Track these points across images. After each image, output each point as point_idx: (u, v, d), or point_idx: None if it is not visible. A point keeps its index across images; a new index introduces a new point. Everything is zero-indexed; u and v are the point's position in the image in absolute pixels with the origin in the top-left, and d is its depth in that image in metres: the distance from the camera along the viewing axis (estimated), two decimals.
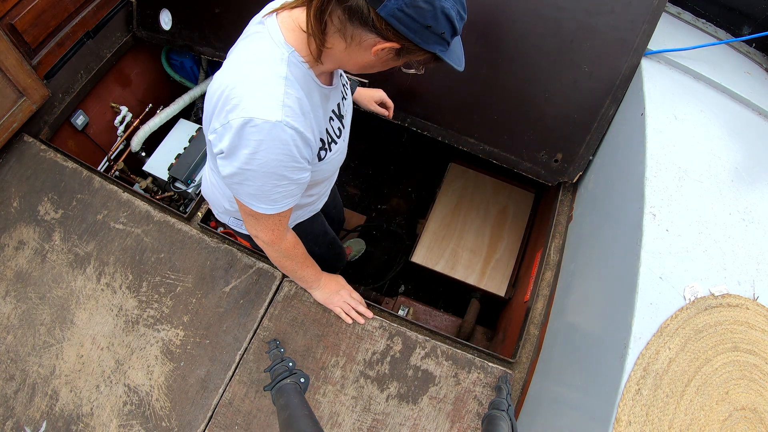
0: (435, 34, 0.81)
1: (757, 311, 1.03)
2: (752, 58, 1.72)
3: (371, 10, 0.77)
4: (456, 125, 1.77)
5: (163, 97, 2.47)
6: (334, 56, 0.90)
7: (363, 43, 0.84)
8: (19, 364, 1.50)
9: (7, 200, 1.71)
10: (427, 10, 0.77)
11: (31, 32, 1.74)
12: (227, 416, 1.39)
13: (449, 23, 0.80)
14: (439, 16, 0.78)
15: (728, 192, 1.20)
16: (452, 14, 0.79)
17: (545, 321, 1.52)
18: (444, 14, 0.78)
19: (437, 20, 0.79)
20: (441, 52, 0.85)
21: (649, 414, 0.92)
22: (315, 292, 1.44)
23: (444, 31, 0.81)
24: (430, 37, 0.82)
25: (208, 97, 0.95)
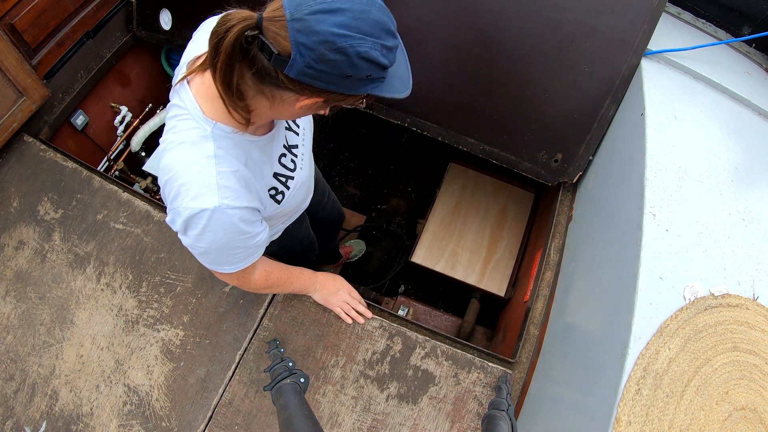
0: (359, 80, 0.75)
1: (757, 311, 1.03)
2: (752, 58, 1.72)
3: (279, 72, 0.73)
4: (456, 125, 1.77)
5: (163, 97, 2.47)
6: (262, 114, 0.85)
7: (285, 100, 0.80)
8: (19, 364, 1.50)
9: (6, 200, 1.71)
10: (340, 61, 0.70)
11: (30, 32, 1.74)
12: (227, 416, 1.39)
13: (372, 64, 0.73)
14: (357, 62, 0.71)
15: (728, 192, 1.20)
16: (373, 54, 0.71)
17: (545, 321, 1.52)
18: (363, 59, 0.71)
19: (356, 68, 0.72)
20: (374, 90, 0.79)
21: (649, 414, 0.92)
22: (315, 295, 1.44)
23: (369, 73, 0.74)
24: (354, 84, 0.75)
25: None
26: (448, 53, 1.68)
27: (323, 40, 0.68)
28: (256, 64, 0.73)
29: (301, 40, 0.68)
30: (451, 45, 1.66)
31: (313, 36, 0.68)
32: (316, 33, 0.68)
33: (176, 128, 0.88)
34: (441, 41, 1.67)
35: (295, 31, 0.68)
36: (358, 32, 0.69)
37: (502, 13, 1.59)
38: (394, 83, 0.80)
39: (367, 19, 0.69)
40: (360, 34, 0.69)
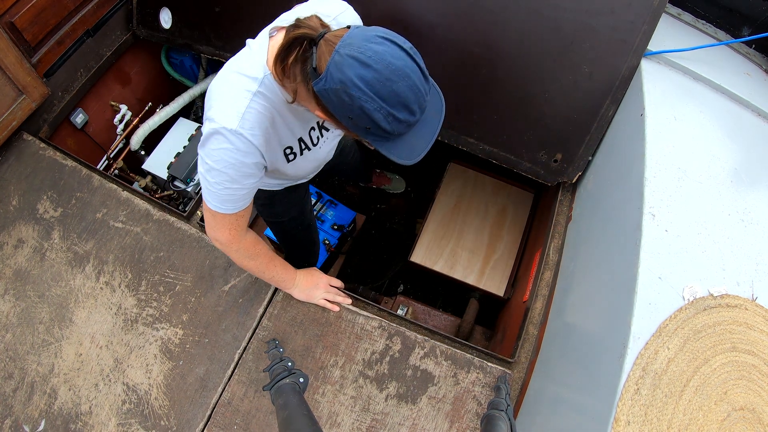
0: (359, 126, 0.86)
1: (756, 312, 1.03)
2: (752, 59, 1.72)
3: (309, 81, 0.87)
4: (456, 125, 1.77)
5: (162, 96, 2.47)
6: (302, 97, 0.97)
7: (310, 101, 0.93)
8: (18, 362, 1.50)
9: (6, 198, 1.71)
10: (347, 104, 0.82)
11: (30, 30, 1.74)
12: (226, 416, 1.39)
13: (372, 123, 0.83)
14: (358, 113, 0.82)
15: (727, 193, 1.20)
16: (375, 116, 0.82)
17: (544, 321, 1.53)
18: (365, 114, 0.82)
19: (357, 117, 0.83)
20: (375, 142, 0.89)
21: (647, 414, 0.92)
22: (294, 291, 1.46)
23: (368, 127, 0.85)
24: (354, 127, 0.87)
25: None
26: (449, 53, 1.68)
27: (343, 80, 0.80)
28: (307, 64, 0.87)
29: (332, 70, 0.81)
30: (451, 45, 1.66)
31: (339, 74, 0.80)
32: (342, 72, 0.80)
33: (242, 58, 1.01)
34: (441, 41, 1.67)
35: (333, 61, 0.81)
36: (372, 92, 0.80)
37: (503, 13, 1.59)
38: (400, 147, 0.90)
39: (388, 87, 0.80)
40: (374, 94, 0.80)
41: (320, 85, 0.83)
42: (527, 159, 1.74)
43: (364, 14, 1.70)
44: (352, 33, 0.83)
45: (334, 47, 0.82)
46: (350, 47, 0.80)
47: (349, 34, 0.83)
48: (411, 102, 0.83)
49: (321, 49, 0.84)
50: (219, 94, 0.99)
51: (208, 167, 1.01)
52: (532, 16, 1.56)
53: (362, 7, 1.71)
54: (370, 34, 0.82)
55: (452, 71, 1.70)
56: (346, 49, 0.80)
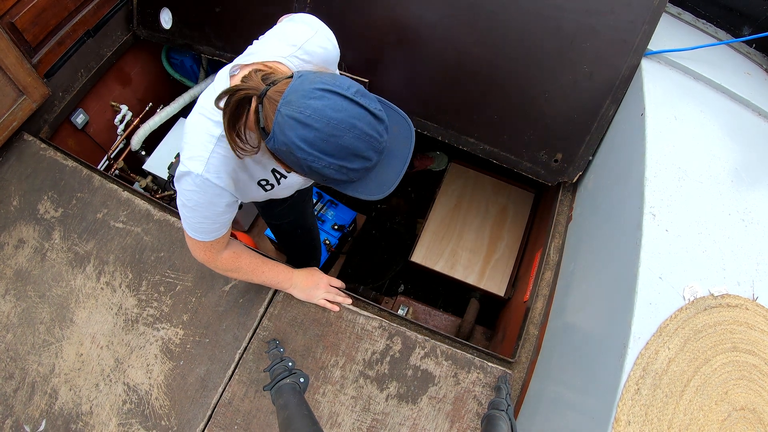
0: (318, 178, 0.86)
1: (757, 311, 1.03)
2: (752, 58, 1.72)
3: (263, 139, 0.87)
4: (456, 125, 1.78)
5: (163, 96, 2.47)
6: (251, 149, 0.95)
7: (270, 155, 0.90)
8: (19, 362, 1.50)
9: (6, 199, 1.71)
10: (299, 162, 0.82)
11: (31, 31, 1.74)
12: (227, 416, 1.39)
13: (326, 177, 0.83)
14: (308, 171, 0.83)
15: (728, 192, 1.20)
16: (326, 172, 0.81)
17: (545, 321, 1.53)
18: (314, 171, 0.82)
19: (311, 173, 0.84)
20: (338, 187, 0.88)
21: (648, 414, 0.92)
22: (293, 291, 1.46)
23: (325, 178, 0.84)
24: (315, 178, 0.88)
25: None
26: (449, 53, 1.68)
27: (287, 142, 0.80)
28: (258, 122, 0.86)
29: (276, 131, 0.80)
30: (451, 45, 1.66)
31: (282, 136, 0.80)
32: (284, 134, 0.79)
33: (207, 98, 0.98)
34: (441, 41, 1.67)
35: (276, 122, 0.80)
36: (317, 150, 0.79)
37: (503, 13, 1.59)
38: (366, 186, 0.87)
39: (334, 143, 0.78)
40: (319, 153, 0.79)
41: (270, 144, 0.84)
42: (527, 159, 1.74)
43: (364, 16, 1.71)
44: (292, 87, 0.80)
45: (276, 106, 0.80)
46: (290, 106, 0.78)
47: (290, 88, 0.80)
48: (362, 150, 0.81)
49: (266, 109, 0.83)
50: (188, 136, 0.99)
51: (182, 203, 1.03)
52: (532, 16, 1.56)
53: (362, 8, 1.71)
54: (308, 88, 0.79)
55: (452, 71, 1.70)
56: (286, 109, 0.79)
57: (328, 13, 1.75)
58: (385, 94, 1.83)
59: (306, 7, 1.75)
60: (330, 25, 1.07)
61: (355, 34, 1.75)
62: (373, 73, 1.80)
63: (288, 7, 1.76)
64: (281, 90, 0.81)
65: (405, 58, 1.74)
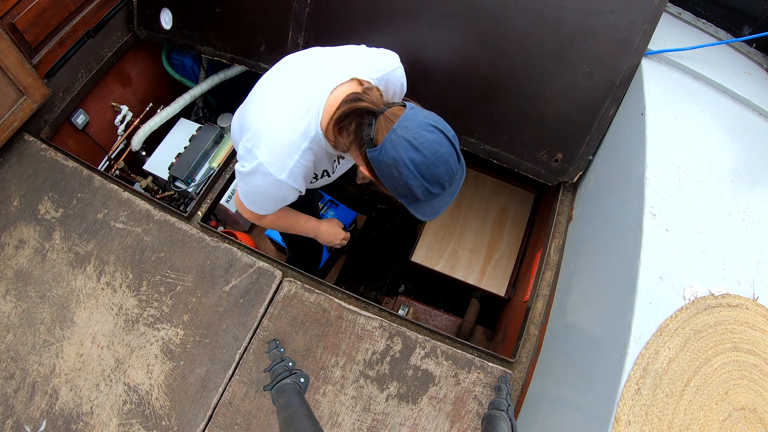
0: (397, 192, 1.02)
1: (757, 311, 1.03)
2: (752, 58, 1.72)
3: (365, 145, 1.00)
4: (456, 125, 1.75)
5: (163, 97, 2.47)
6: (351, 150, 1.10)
7: (356, 158, 1.09)
8: (19, 362, 1.50)
9: (7, 199, 1.71)
10: (394, 177, 0.97)
11: (31, 31, 1.74)
12: (227, 416, 1.39)
13: (411, 193, 0.99)
14: (401, 186, 0.98)
15: (728, 192, 1.20)
16: (416, 190, 0.98)
17: (545, 321, 1.52)
18: (407, 187, 0.98)
19: (400, 187, 0.99)
20: (405, 202, 1.04)
21: (648, 414, 0.92)
22: (318, 238, 1.55)
23: (407, 195, 1.01)
24: (394, 191, 1.03)
25: (244, 113, 1.20)
26: (449, 53, 1.68)
27: (396, 158, 0.95)
28: (362, 129, 1.01)
29: (387, 146, 0.95)
30: (451, 44, 1.66)
31: (393, 152, 0.95)
32: (396, 151, 0.94)
33: (297, 100, 1.09)
34: (441, 41, 1.67)
35: (390, 139, 0.95)
36: (418, 172, 0.95)
37: (503, 13, 1.59)
38: (424, 208, 1.04)
39: (431, 170, 0.96)
40: (418, 174, 0.96)
41: (374, 154, 0.97)
42: (528, 159, 1.74)
43: (363, 16, 1.71)
44: (408, 115, 0.96)
45: (392, 125, 0.95)
46: (406, 130, 0.94)
47: (406, 115, 0.96)
48: (445, 182, 0.99)
49: (380, 124, 0.97)
50: (270, 139, 1.09)
51: (249, 189, 1.17)
52: (532, 16, 1.56)
53: (361, 8, 1.71)
54: (423, 122, 0.96)
55: (452, 71, 1.70)
56: (402, 132, 0.94)
57: (328, 13, 1.75)
58: None
59: (306, 8, 1.75)
60: (330, 25, 1.08)
61: (354, 34, 1.75)
62: None
63: (288, 7, 1.76)
64: (397, 114, 0.97)
65: (405, 58, 1.74)
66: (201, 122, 2.45)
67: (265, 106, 1.14)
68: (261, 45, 1.90)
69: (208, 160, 2.31)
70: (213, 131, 2.32)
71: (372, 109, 0.99)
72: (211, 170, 2.29)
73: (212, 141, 2.31)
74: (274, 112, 1.11)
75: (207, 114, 2.66)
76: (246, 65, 1.97)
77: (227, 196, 2.30)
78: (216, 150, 2.35)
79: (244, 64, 1.97)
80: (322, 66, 1.13)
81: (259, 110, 1.14)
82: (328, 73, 1.10)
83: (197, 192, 2.25)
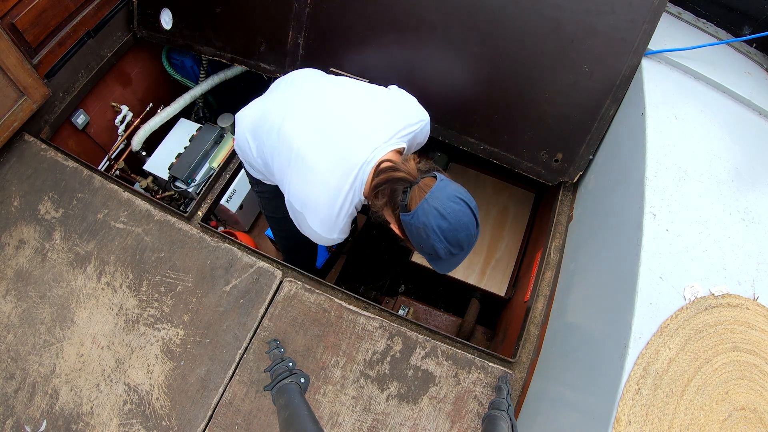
0: (422, 250, 1.14)
1: (757, 311, 1.03)
2: (753, 58, 1.72)
3: (399, 209, 1.13)
4: (456, 125, 1.78)
5: (163, 97, 2.47)
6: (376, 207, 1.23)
7: (389, 216, 1.20)
8: (20, 362, 1.50)
9: (7, 199, 1.71)
10: (422, 238, 1.10)
11: (31, 31, 1.74)
12: (227, 416, 1.39)
13: (434, 252, 1.11)
14: (426, 246, 1.11)
15: (728, 192, 1.20)
16: (440, 252, 1.10)
17: (545, 321, 1.52)
18: (432, 248, 1.10)
19: (425, 247, 1.12)
20: (428, 258, 1.17)
21: (648, 414, 0.92)
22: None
23: (431, 254, 1.13)
24: (419, 248, 1.15)
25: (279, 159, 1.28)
26: (449, 53, 1.68)
27: (426, 224, 1.07)
28: (396, 194, 1.13)
29: (419, 213, 1.07)
30: (451, 44, 1.66)
31: (424, 218, 1.07)
32: (426, 218, 1.07)
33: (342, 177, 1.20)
34: (442, 41, 1.67)
35: (422, 207, 1.07)
36: (444, 237, 1.07)
37: (503, 13, 1.59)
38: (443, 264, 1.16)
39: (454, 236, 1.08)
40: (443, 238, 1.08)
41: (407, 218, 1.10)
42: (528, 159, 1.74)
43: (364, 16, 1.71)
44: (439, 186, 1.09)
45: (424, 195, 1.08)
46: (437, 200, 1.07)
47: (437, 186, 1.09)
48: (465, 245, 1.11)
49: (414, 193, 1.10)
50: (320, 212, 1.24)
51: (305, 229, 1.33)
52: (532, 16, 1.56)
53: (362, 8, 1.71)
54: (452, 194, 1.08)
55: (452, 71, 1.70)
56: (433, 202, 1.07)
57: (328, 13, 1.75)
58: None
59: (306, 8, 1.75)
60: (330, 25, 1.08)
61: (354, 34, 1.76)
62: (373, 73, 1.80)
63: (288, 7, 1.76)
64: (429, 185, 1.10)
65: (405, 58, 1.74)
66: (201, 122, 2.45)
67: (309, 176, 1.22)
68: (261, 45, 1.90)
69: (208, 160, 2.31)
70: (213, 131, 2.32)
71: (408, 180, 1.12)
72: (212, 170, 2.29)
73: (212, 141, 2.31)
74: (321, 186, 1.21)
75: (207, 114, 2.66)
76: (246, 65, 1.97)
77: (227, 196, 2.30)
78: (216, 150, 2.35)
79: (244, 64, 1.97)
80: (362, 129, 1.21)
81: (303, 179, 1.23)
82: (371, 141, 1.20)
83: (197, 192, 2.24)
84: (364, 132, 1.20)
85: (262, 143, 1.33)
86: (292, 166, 1.25)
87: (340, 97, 1.28)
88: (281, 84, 1.43)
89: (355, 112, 1.24)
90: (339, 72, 1.82)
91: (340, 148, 1.20)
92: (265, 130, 1.31)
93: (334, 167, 1.19)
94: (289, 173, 1.26)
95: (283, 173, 1.28)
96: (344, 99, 1.28)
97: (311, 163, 1.20)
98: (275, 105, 1.33)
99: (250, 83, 2.55)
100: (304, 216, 1.26)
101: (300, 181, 1.23)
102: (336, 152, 1.20)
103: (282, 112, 1.28)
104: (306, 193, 1.23)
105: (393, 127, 1.23)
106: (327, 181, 1.20)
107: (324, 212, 1.23)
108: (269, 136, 1.29)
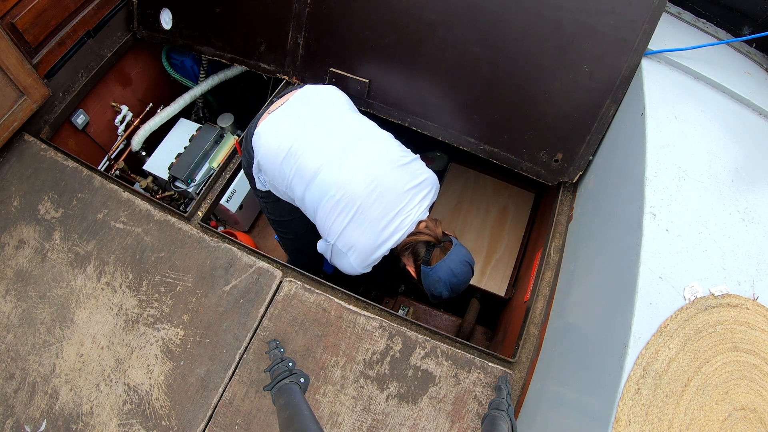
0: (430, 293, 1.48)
1: (757, 311, 1.03)
2: (752, 58, 1.72)
3: (421, 261, 1.44)
4: (456, 125, 1.78)
5: (163, 97, 2.47)
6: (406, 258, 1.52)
7: (408, 261, 1.50)
8: (19, 362, 1.50)
9: (7, 199, 1.71)
10: (435, 286, 1.43)
11: (31, 31, 1.74)
12: (227, 416, 1.39)
13: (438, 296, 1.46)
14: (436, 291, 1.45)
15: (728, 192, 1.20)
16: (443, 296, 1.46)
17: (545, 321, 1.52)
18: (439, 291, 1.45)
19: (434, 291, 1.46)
20: (431, 297, 1.50)
21: (648, 414, 0.92)
22: None
23: (436, 295, 1.47)
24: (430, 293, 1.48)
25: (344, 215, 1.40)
26: (449, 53, 1.68)
27: (440, 278, 1.41)
28: (420, 249, 1.44)
29: (437, 269, 1.41)
30: (451, 45, 1.66)
31: (440, 273, 1.41)
32: (442, 273, 1.41)
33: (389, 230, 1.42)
34: (441, 41, 1.67)
35: (440, 265, 1.41)
36: (451, 287, 1.43)
37: (503, 13, 1.59)
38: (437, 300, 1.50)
39: (458, 287, 1.45)
40: (450, 287, 1.43)
41: (426, 270, 1.42)
42: (528, 159, 1.74)
43: (364, 16, 1.71)
44: (455, 251, 1.42)
45: (443, 256, 1.41)
46: (452, 262, 1.40)
47: (453, 251, 1.42)
48: (462, 290, 1.48)
49: (436, 252, 1.42)
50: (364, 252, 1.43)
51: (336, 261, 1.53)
52: (532, 16, 1.56)
53: (362, 8, 1.71)
54: (462, 259, 1.42)
55: (452, 71, 1.70)
56: (449, 263, 1.40)
57: (328, 13, 1.75)
58: (385, 94, 1.83)
59: (306, 8, 1.75)
60: (330, 25, 1.07)
61: (355, 34, 1.76)
62: (373, 73, 1.80)
63: (288, 7, 1.77)
64: (447, 248, 1.43)
65: (405, 58, 1.74)
66: (201, 122, 2.45)
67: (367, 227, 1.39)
68: (261, 45, 1.90)
69: (208, 160, 2.31)
70: (213, 131, 2.32)
71: (433, 243, 1.42)
72: (211, 170, 2.29)
73: (212, 141, 2.31)
74: (375, 235, 1.40)
75: (207, 114, 2.66)
76: (246, 65, 1.97)
77: (227, 196, 2.31)
78: (216, 150, 2.35)
79: (244, 64, 1.97)
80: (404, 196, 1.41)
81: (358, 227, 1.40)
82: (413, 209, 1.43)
83: (197, 192, 2.25)
84: (408, 200, 1.42)
85: (284, 174, 1.45)
86: (344, 215, 1.39)
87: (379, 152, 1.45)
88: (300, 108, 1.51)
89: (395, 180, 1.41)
90: (339, 72, 1.82)
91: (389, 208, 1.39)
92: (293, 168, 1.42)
93: (380, 220, 1.39)
94: (338, 220, 1.40)
95: (328, 217, 1.41)
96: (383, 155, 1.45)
97: (372, 216, 1.38)
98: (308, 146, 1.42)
99: (250, 83, 2.55)
100: (347, 255, 1.44)
101: (354, 229, 1.40)
102: (382, 209, 1.39)
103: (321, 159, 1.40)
104: (356, 237, 1.40)
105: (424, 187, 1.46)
106: (381, 231, 1.40)
107: (369, 255, 1.42)
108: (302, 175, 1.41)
